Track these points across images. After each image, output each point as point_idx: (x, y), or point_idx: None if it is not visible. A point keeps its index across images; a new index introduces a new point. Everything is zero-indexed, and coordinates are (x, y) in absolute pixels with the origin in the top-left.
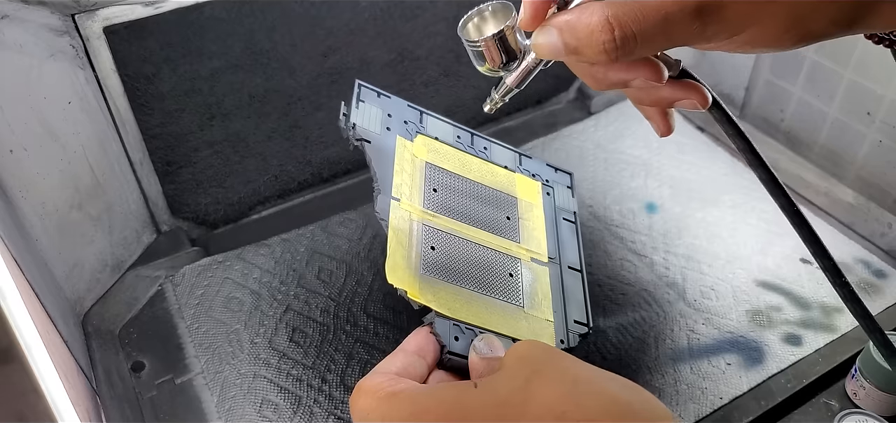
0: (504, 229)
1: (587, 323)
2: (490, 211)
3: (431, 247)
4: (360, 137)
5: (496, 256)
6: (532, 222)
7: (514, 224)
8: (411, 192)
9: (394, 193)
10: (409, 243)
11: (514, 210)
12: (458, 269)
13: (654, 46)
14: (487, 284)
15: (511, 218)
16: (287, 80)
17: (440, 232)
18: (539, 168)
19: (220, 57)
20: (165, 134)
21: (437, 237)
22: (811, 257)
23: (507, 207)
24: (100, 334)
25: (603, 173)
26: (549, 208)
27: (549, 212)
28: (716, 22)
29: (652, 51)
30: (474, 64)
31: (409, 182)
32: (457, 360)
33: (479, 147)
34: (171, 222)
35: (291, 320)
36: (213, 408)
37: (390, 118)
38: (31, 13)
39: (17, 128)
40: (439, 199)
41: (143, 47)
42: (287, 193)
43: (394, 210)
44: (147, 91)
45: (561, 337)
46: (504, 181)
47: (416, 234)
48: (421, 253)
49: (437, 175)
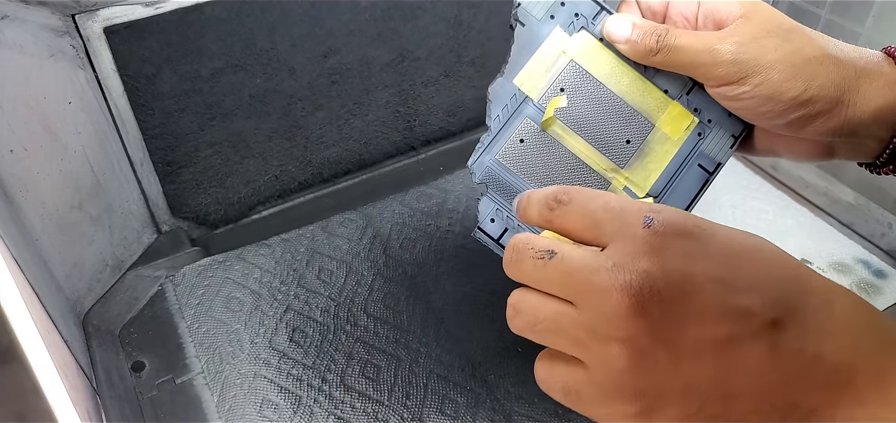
0: (614, 150)
1: None
2: (611, 127)
3: (520, 139)
4: (519, 18)
5: (585, 170)
6: (655, 155)
7: (632, 149)
8: (535, 84)
9: (516, 80)
10: (504, 128)
11: (640, 136)
12: (535, 169)
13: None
14: None
15: (632, 142)
16: (287, 80)
17: (538, 128)
18: (708, 106)
19: (220, 57)
20: (166, 134)
21: (531, 132)
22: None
23: (633, 130)
24: (100, 334)
25: None
26: (688, 149)
27: (683, 152)
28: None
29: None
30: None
31: (540, 74)
32: (485, 238)
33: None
34: (171, 222)
35: (292, 320)
36: (213, 408)
37: (563, 7)
38: (32, 13)
39: (18, 128)
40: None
41: (144, 47)
42: (287, 193)
43: (507, 94)
44: (147, 91)
45: None
46: (650, 104)
47: (515, 122)
48: (508, 141)
49: (574, 76)
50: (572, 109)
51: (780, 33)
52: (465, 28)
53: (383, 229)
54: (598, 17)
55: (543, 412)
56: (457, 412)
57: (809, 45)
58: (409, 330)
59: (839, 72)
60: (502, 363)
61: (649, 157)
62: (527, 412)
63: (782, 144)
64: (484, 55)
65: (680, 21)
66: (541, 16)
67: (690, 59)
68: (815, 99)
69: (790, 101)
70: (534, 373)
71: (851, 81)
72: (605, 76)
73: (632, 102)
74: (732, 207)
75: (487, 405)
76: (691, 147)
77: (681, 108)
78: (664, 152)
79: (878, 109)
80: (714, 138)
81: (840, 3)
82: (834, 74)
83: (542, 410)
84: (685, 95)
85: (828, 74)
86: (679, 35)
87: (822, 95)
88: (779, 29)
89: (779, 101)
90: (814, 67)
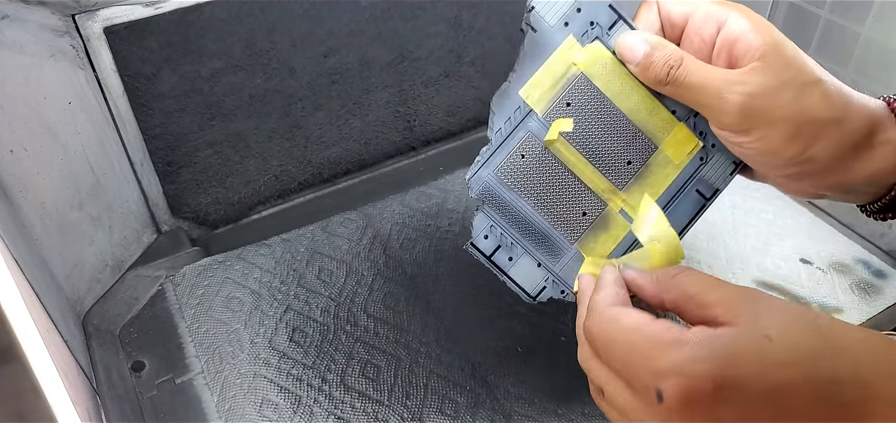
0: (615, 171)
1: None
2: (614, 146)
3: (521, 155)
4: (531, 23)
5: (583, 192)
6: (655, 178)
7: (632, 171)
8: (541, 96)
9: (521, 92)
10: (505, 142)
11: (643, 157)
12: (533, 187)
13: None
14: (553, 210)
15: (633, 163)
16: (287, 80)
17: (540, 145)
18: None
19: (220, 57)
20: (166, 134)
21: (533, 148)
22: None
23: (636, 151)
24: (100, 334)
25: None
26: (688, 173)
27: (683, 176)
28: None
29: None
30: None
31: (547, 86)
32: (477, 254)
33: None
34: (171, 222)
35: (291, 320)
36: (213, 408)
37: (578, 13)
38: (32, 13)
39: (18, 128)
40: (566, 114)
41: (144, 47)
42: (287, 193)
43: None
44: (147, 91)
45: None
46: (657, 124)
47: (517, 135)
48: (508, 156)
49: (583, 90)
50: (577, 126)
51: (794, 87)
52: (465, 28)
53: (383, 229)
54: (614, 28)
55: (543, 412)
56: (457, 412)
57: (820, 105)
58: (409, 330)
59: (841, 137)
60: (502, 363)
61: (649, 180)
62: (527, 412)
63: (780, 183)
64: (484, 55)
65: (697, 41)
66: (554, 22)
67: (698, 99)
68: (813, 159)
69: (788, 159)
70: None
71: (851, 147)
72: (615, 93)
73: (638, 121)
74: (732, 208)
75: (487, 405)
76: (692, 172)
77: (687, 130)
78: (664, 176)
79: (875, 172)
80: (715, 164)
81: (840, 3)
82: (835, 139)
83: (542, 410)
84: (692, 117)
85: (829, 139)
86: (690, 71)
87: (820, 158)
88: (793, 82)
89: (777, 156)
90: (816, 130)
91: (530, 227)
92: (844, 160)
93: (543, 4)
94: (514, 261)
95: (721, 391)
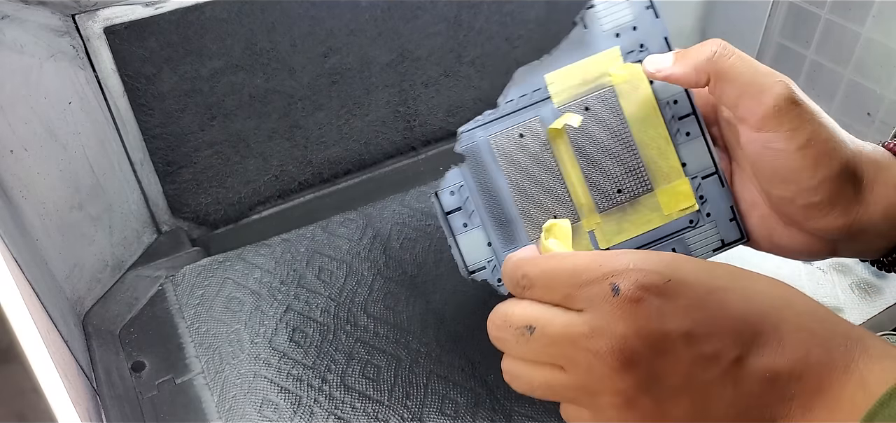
0: (602, 192)
1: None
2: (611, 169)
3: (520, 134)
4: (585, 19)
5: (563, 195)
6: (637, 218)
7: (619, 200)
8: (564, 89)
9: (547, 76)
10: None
11: (634, 192)
12: (517, 170)
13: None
14: (527, 200)
15: (623, 192)
16: (287, 80)
17: (542, 133)
18: (716, 201)
19: (220, 57)
20: (166, 134)
21: (534, 133)
22: None
23: (631, 184)
24: (100, 334)
25: None
26: (672, 229)
27: (665, 230)
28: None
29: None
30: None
31: (575, 83)
32: (437, 205)
33: (682, 130)
34: (171, 222)
35: (292, 320)
36: (213, 408)
37: (633, 31)
38: (31, 13)
39: (18, 128)
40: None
41: (144, 47)
42: (287, 193)
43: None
44: (147, 91)
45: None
46: (662, 168)
47: (524, 114)
48: (509, 128)
49: (605, 103)
50: (585, 133)
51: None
52: (465, 28)
53: (383, 229)
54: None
55: (543, 411)
56: (457, 412)
57: (843, 133)
58: (409, 330)
59: (858, 158)
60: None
61: (631, 218)
62: (527, 412)
63: (785, 240)
64: (484, 55)
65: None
66: (607, 28)
67: (742, 86)
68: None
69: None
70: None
71: (870, 176)
72: (634, 120)
73: (645, 156)
74: None
75: (487, 405)
76: (676, 230)
77: (689, 188)
78: (646, 221)
79: (889, 206)
80: (703, 233)
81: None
82: (850, 154)
83: (542, 410)
84: (701, 178)
85: (845, 154)
86: (740, 58)
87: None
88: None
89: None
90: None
91: (498, 205)
92: (858, 188)
93: (605, 7)
94: (467, 229)
95: (669, 284)
